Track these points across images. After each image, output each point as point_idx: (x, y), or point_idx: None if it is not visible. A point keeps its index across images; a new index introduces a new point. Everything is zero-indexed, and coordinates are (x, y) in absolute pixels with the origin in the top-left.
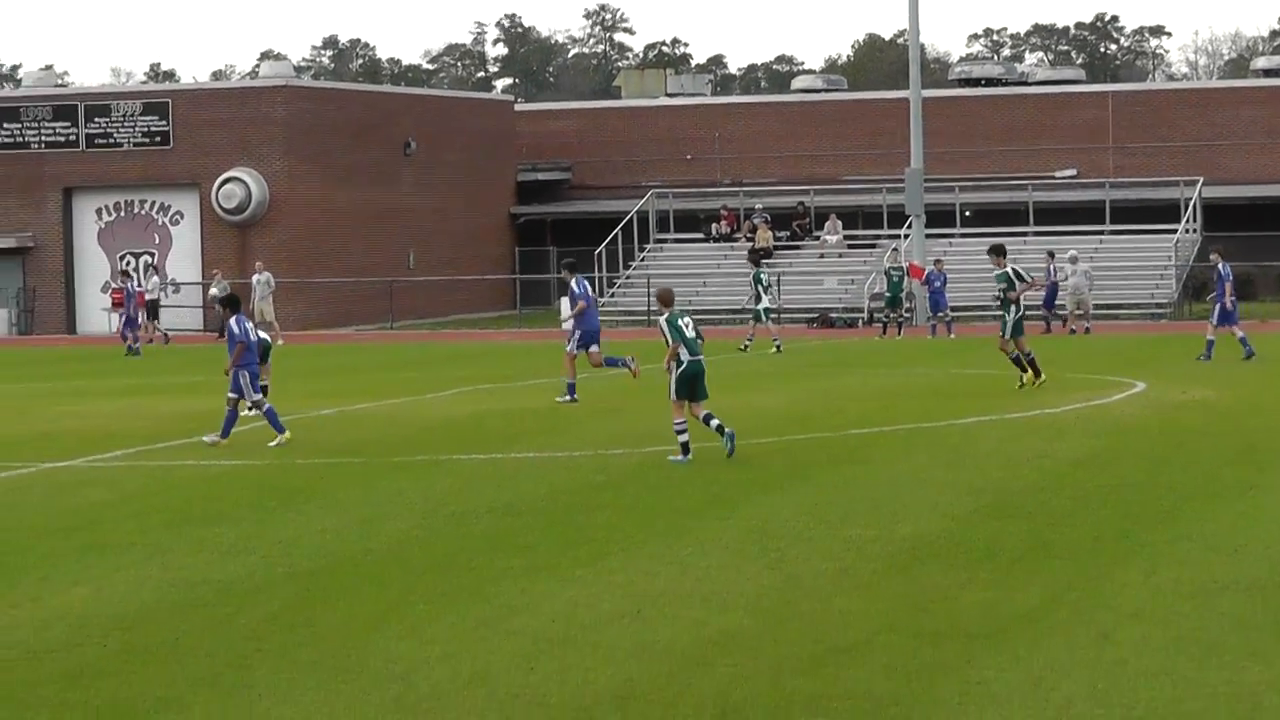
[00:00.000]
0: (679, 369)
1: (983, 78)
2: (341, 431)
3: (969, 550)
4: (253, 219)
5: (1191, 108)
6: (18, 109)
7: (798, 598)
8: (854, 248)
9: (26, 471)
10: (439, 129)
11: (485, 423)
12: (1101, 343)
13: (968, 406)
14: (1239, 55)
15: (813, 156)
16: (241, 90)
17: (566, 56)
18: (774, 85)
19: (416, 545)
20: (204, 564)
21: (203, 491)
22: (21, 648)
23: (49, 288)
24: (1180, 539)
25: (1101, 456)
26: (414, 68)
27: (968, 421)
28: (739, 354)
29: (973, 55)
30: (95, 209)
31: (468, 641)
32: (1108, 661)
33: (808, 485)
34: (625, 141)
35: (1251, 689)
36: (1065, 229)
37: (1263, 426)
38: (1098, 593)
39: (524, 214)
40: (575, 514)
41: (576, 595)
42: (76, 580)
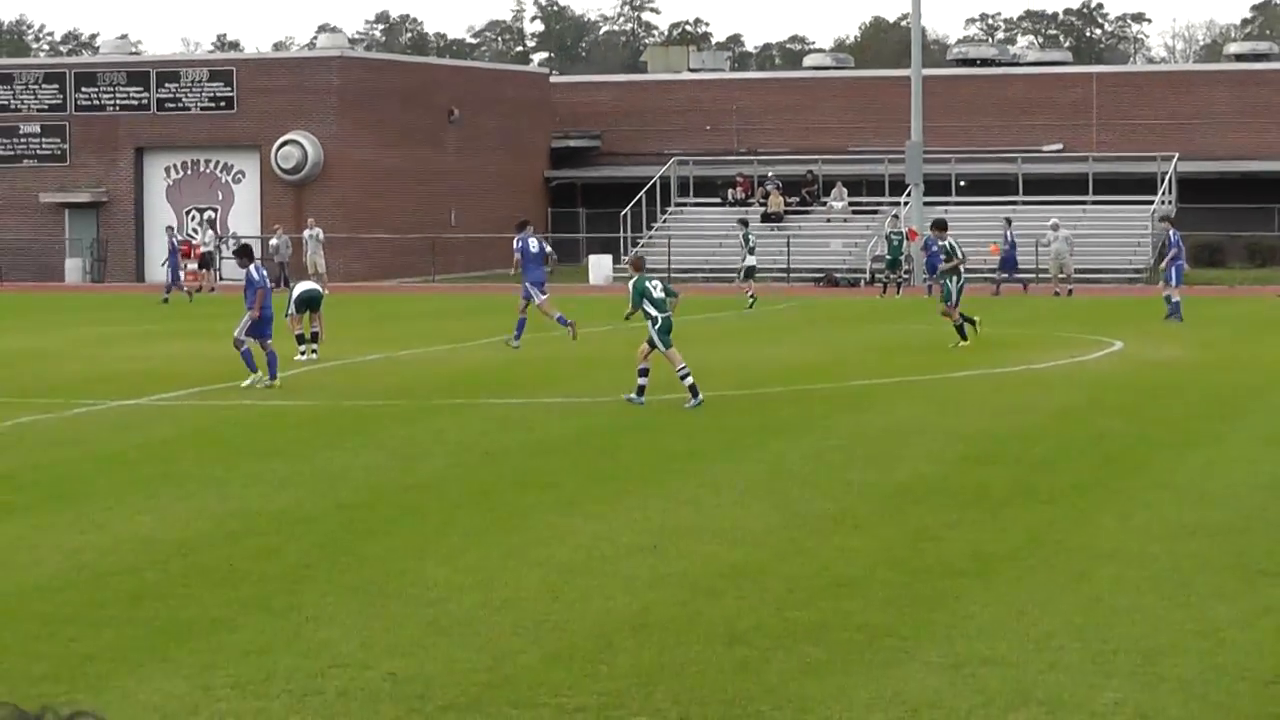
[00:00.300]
0: (655, 325)
1: (978, 58)
2: (386, 376)
3: (959, 494)
4: (308, 179)
5: (1169, 89)
6: (95, 74)
7: (801, 535)
8: (858, 213)
9: (97, 408)
10: (480, 98)
11: (517, 369)
12: (1082, 304)
13: (960, 360)
14: (1213, 41)
15: (821, 129)
16: (299, 60)
17: (598, 33)
18: (787, 62)
19: (452, 481)
20: (257, 495)
21: (257, 428)
22: (89, 570)
23: (120, 239)
24: (1153, 486)
25: (1082, 409)
26: (458, 41)
27: (959, 375)
28: (747, 313)
29: (969, 38)
30: (164, 167)
31: (498, 570)
32: (1085, 598)
33: (812, 432)
34: (650, 112)
35: (1215, 625)
36: (1051, 199)
37: (1230, 383)
38: (1076, 535)
39: (556, 178)
40: (599, 454)
41: (598, 529)
42: (140, 509)
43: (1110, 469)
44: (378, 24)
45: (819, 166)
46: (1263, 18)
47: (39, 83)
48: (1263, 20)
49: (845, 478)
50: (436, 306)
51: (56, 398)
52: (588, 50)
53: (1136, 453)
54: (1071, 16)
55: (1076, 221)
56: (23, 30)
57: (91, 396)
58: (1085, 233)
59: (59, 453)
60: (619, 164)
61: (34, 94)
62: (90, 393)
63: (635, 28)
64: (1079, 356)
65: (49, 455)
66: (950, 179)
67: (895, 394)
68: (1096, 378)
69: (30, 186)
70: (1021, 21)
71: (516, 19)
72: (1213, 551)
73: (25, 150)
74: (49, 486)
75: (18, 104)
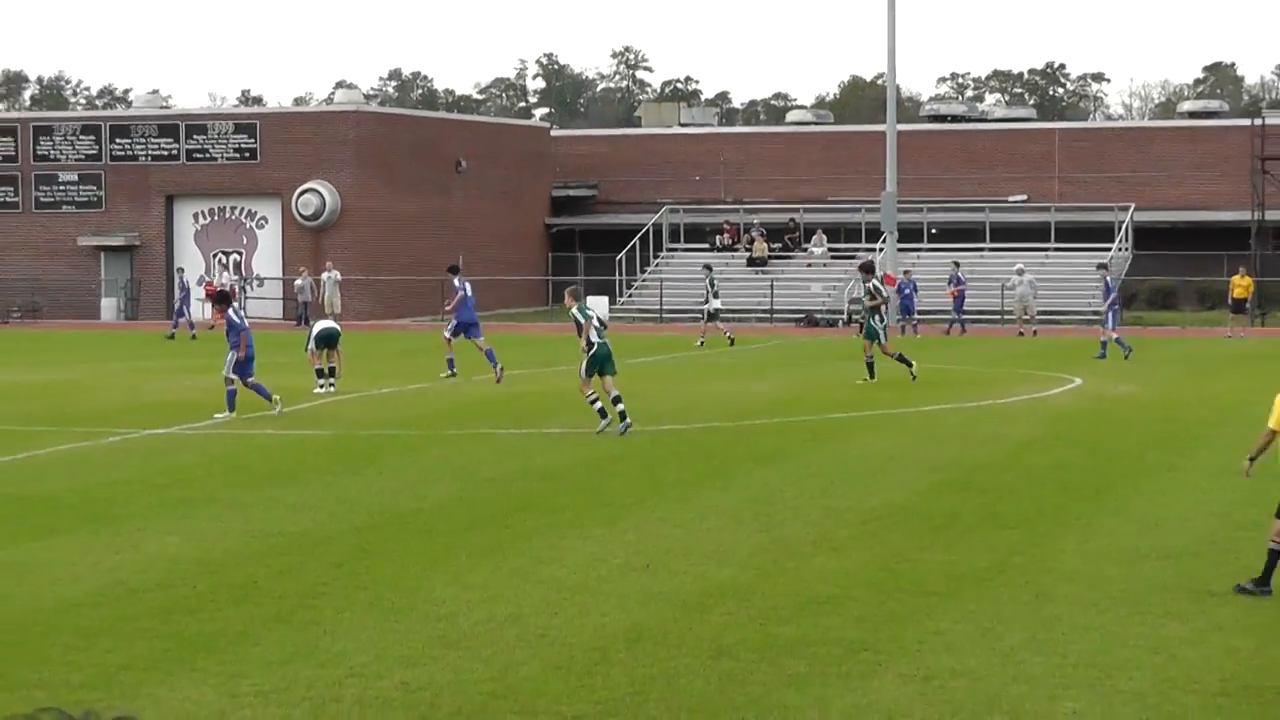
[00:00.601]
0: (590, 351)
1: (949, 115)
2: (398, 407)
3: (930, 519)
4: (326, 224)
5: (1126, 144)
6: (129, 126)
7: (784, 556)
8: (836, 258)
9: (130, 436)
10: (486, 150)
11: (520, 402)
12: (1045, 344)
13: (931, 395)
14: (1168, 99)
15: (803, 180)
16: (319, 114)
17: (596, 90)
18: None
19: (459, 506)
20: (278, 518)
21: (278, 456)
22: (122, 587)
23: (152, 280)
24: (1110, 512)
25: (1044, 440)
26: (465, 97)
27: (931, 408)
28: (733, 349)
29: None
30: (193, 213)
31: (502, 588)
32: (1046, 616)
33: (794, 461)
34: (644, 164)
35: (1168, 643)
36: (1016, 245)
37: (1181, 418)
38: (1038, 557)
39: (556, 224)
40: (595, 481)
41: (595, 550)
42: (170, 530)
43: (1070, 497)
44: (391, 80)
45: (800, 215)
46: (1214, 78)
47: (77, 134)
48: (1214, 80)
49: (824, 503)
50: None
51: (93, 426)
52: (586, 106)
53: (1094, 482)
54: (1036, 76)
55: (1040, 267)
56: (61, 85)
57: (125, 426)
58: (1047, 277)
59: (95, 477)
60: (615, 212)
61: (72, 145)
62: (124, 422)
63: (630, 85)
64: (1041, 392)
65: (86, 480)
66: (922, 227)
67: (871, 426)
68: (1057, 412)
69: (68, 231)
70: (989, 80)
71: (520, 76)
72: (1165, 574)
73: (64, 197)
74: (86, 509)
75: (57, 154)
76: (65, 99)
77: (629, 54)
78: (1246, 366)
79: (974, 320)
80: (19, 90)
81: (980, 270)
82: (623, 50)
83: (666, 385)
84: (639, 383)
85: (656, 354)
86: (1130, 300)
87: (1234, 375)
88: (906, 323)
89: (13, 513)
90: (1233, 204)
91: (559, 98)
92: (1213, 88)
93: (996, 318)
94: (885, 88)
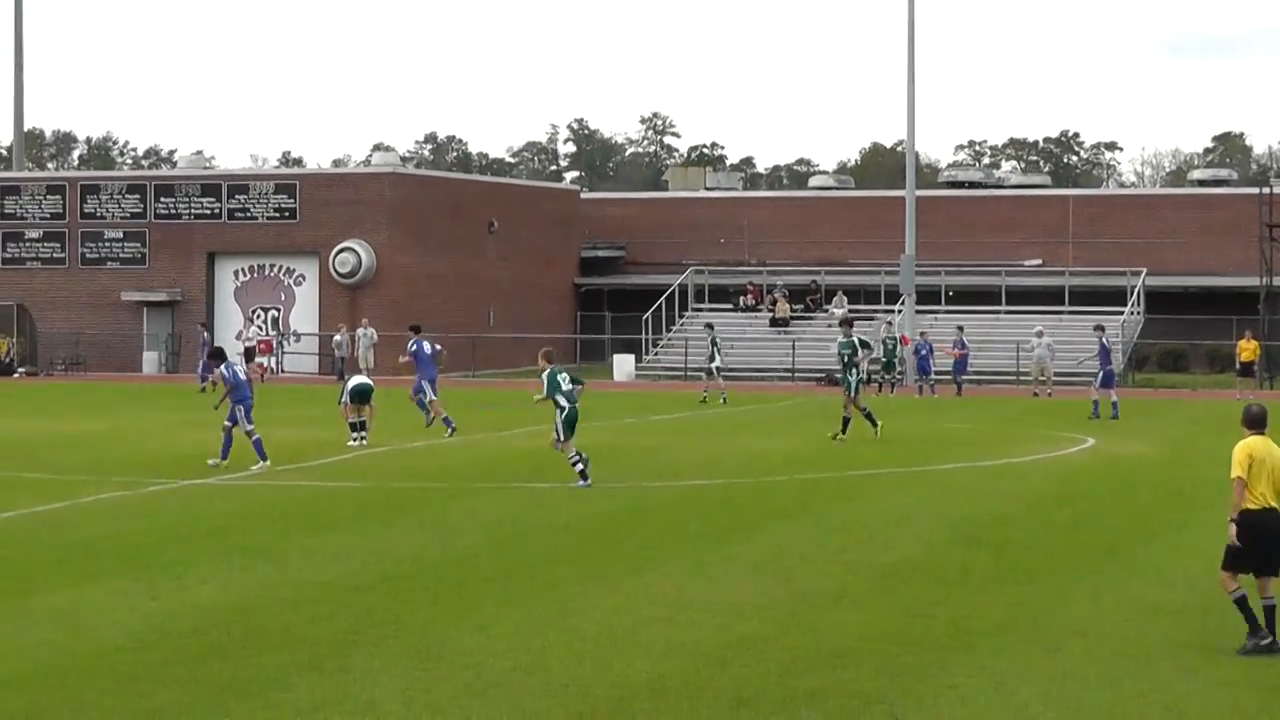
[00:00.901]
0: (562, 414)
1: (966, 181)
2: (429, 461)
3: (945, 574)
4: (362, 282)
5: (1138, 211)
6: (173, 186)
7: (803, 609)
8: (856, 319)
9: (169, 486)
10: (517, 212)
11: (547, 457)
12: (1058, 405)
13: (947, 454)
14: (1178, 168)
15: (824, 242)
16: (356, 175)
17: (624, 154)
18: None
19: (487, 556)
20: (311, 567)
21: (312, 506)
22: (158, 632)
23: (193, 335)
24: (1121, 569)
25: (1057, 498)
26: (498, 160)
27: (947, 466)
28: (755, 407)
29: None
30: (233, 270)
31: (528, 637)
32: (1058, 671)
33: (813, 516)
34: (670, 226)
35: (1178, 697)
36: (1031, 309)
37: (1191, 477)
38: (1051, 613)
39: (585, 284)
40: (620, 534)
41: (619, 602)
42: (206, 578)
43: (1082, 553)
44: (427, 144)
45: (821, 276)
46: (1223, 147)
47: (122, 193)
48: (1223, 149)
49: (843, 558)
50: (475, 398)
51: (133, 475)
52: (615, 169)
53: (1106, 539)
54: (1051, 144)
55: (1054, 330)
56: (108, 146)
57: (164, 475)
58: (1061, 340)
59: (134, 525)
60: (642, 272)
61: (118, 203)
62: (163, 472)
63: (658, 150)
64: (1055, 451)
65: (125, 527)
66: (940, 289)
67: (889, 483)
68: (1071, 471)
69: (113, 286)
70: (1006, 148)
71: (551, 141)
72: (1176, 630)
73: (109, 253)
74: (125, 555)
75: (103, 212)
76: (112, 159)
77: (657, 120)
78: None
79: (990, 381)
80: (68, 150)
81: (996, 332)
82: (651, 116)
83: (690, 441)
84: (664, 438)
85: (680, 411)
86: (1142, 363)
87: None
88: (924, 383)
89: (54, 559)
90: (1241, 269)
91: (589, 161)
92: (1222, 157)
93: (1012, 378)
94: (905, 154)
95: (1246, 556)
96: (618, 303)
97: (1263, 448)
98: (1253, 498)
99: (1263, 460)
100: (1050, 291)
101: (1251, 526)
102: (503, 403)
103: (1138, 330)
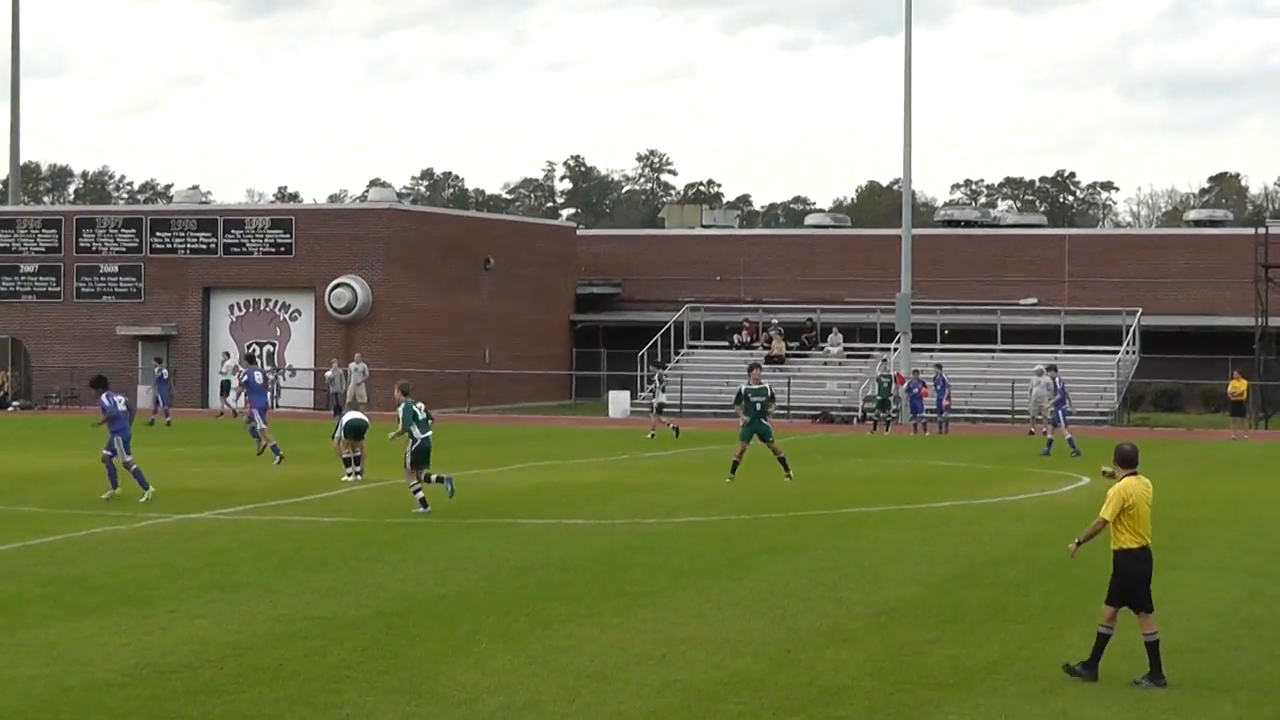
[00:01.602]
0: (414, 444)
1: (962, 220)
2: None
3: (939, 612)
4: (358, 318)
5: (1134, 250)
6: (169, 220)
7: (796, 647)
8: (852, 357)
9: (163, 521)
10: (513, 248)
11: (542, 493)
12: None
13: (942, 492)
14: (1174, 208)
15: (820, 280)
16: (352, 211)
17: (621, 192)
18: (790, 220)
19: (481, 593)
20: (305, 602)
21: (307, 542)
22: (151, 668)
23: (188, 369)
24: None
25: (1051, 537)
26: (495, 197)
27: (942, 505)
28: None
29: (955, 201)
30: (228, 305)
31: (522, 674)
32: (1053, 711)
33: (807, 554)
34: (666, 263)
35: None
36: (1027, 347)
37: (1184, 517)
38: (1045, 652)
39: (581, 321)
40: (614, 571)
41: (613, 639)
42: (199, 613)
43: (1076, 592)
44: (423, 180)
45: (817, 314)
46: (1219, 188)
47: (119, 227)
48: (1219, 190)
49: (836, 596)
50: (470, 435)
51: (126, 510)
52: (611, 206)
53: (1100, 578)
54: (1047, 184)
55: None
56: (105, 180)
57: (157, 510)
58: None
59: (128, 560)
60: (638, 309)
61: (114, 237)
62: (156, 506)
63: (654, 187)
64: (1049, 490)
65: (119, 562)
66: (936, 328)
67: (883, 521)
68: (1065, 509)
69: (108, 320)
70: (1002, 187)
71: (547, 178)
72: (1169, 669)
73: (105, 288)
74: (118, 590)
75: (99, 246)
76: (108, 193)
77: (654, 157)
78: (1247, 468)
79: (986, 420)
80: (64, 184)
81: (993, 371)
82: (648, 154)
83: (685, 478)
84: (659, 475)
85: (675, 448)
86: (1137, 402)
87: (1235, 476)
88: (918, 421)
89: (47, 593)
90: (1237, 310)
91: (585, 199)
92: (1218, 197)
93: (1007, 417)
94: (901, 193)
95: (1127, 593)
96: (613, 340)
97: (1139, 487)
98: (1132, 536)
99: (1142, 498)
100: (1046, 330)
101: (1130, 564)
102: (498, 440)
103: (1133, 370)
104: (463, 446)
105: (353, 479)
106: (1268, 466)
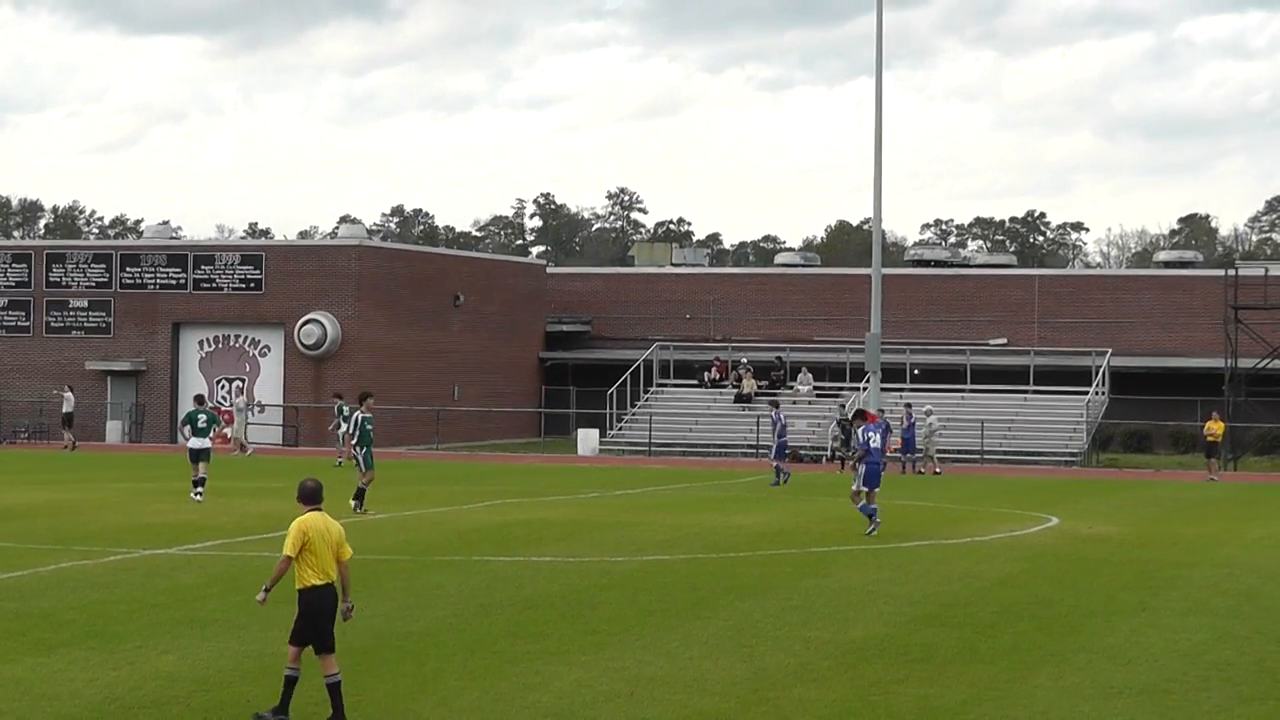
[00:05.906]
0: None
1: (932, 260)
2: (392, 533)
3: (908, 652)
4: (327, 354)
5: (1103, 291)
6: (138, 256)
7: (764, 686)
8: (821, 396)
9: (130, 556)
10: (483, 285)
11: (511, 530)
12: (1022, 484)
13: (910, 531)
14: (1144, 249)
15: (789, 319)
16: (322, 248)
17: (591, 230)
18: (760, 259)
19: (449, 630)
20: (274, 639)
21: None
22: (119, 703)
23: (157, 404)
24: (1084, 649)
25: (1020, 577)
26: (465, 234)
27: (910, 544)
28: (719, 483)
29: (925, 241)
30: (198, 340)
31: (489, 712)
32: None
33: (776, 593)
34: (636, 301)
35: None
36: (996, 387)
37: (1154, 558)
38: (1014, 692)
39: (550, 358)
40: (582, 609)
41: (581, 677)
42: (167, 649)
43: (1045, 633)
44: (393, 217)
45: (787, 354)
46: (1189, 229)
47: (88, 262)
48: (1189, 231)
49: (805, 635)
50: (439, 472)
51: (94, 545)
52: (581, 244)
53: (1069, 619)
54: (1017, 224)
55: (1018, 409)
56: (75, 215)
57: (125, 545)
58: (1026, 419)
59: (95, 595)
60: (607, 347)
61: (83, 272)
62: (124, 542)
63: (624, 225)
64: (1018, 530)
65: (86, 597)
66: (905, 367)
67: (851, 560)
68: (1034, 550)
69: (77, 355)
70: (972, 227)
71: (517, 215)
72: (1137, 711)
73: (74, 323)
74: (85, 626)
75: (69, 281)
76: (78, 228)
77: (624, 195)
78: (1216, 509)
79: (956, 460)
80: (34, 219)
81: (961, 411)
82: (618, 192)
83: (653, 517)
84: (628, 514)
85: (644, 486)
86: (1106, 443)
87: (1204, 517)
88: (906, 460)
89: (14, 628)
90: (1206, 351)
91: (555, 236)
92: (1188, 238)
93: (976, 457)
94: (871, 233)
95: (309, 632)
96: (583, 377)
97: (320, 523)
98: (314, 574)
99: (321, 534)
100: (1016, 370)
101: (311, 601)
102: (467, 477)
103: (1102, 410)
104: (431, 483)
105: None
106: (1237, 508)
